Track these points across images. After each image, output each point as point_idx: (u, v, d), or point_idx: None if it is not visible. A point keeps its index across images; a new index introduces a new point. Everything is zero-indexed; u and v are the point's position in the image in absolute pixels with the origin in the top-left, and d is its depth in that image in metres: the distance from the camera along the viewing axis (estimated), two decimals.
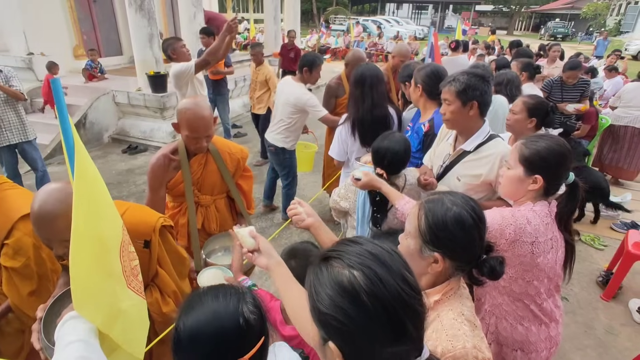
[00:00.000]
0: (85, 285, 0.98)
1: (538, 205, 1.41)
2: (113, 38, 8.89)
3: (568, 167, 1.39)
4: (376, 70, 2.72)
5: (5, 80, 3.82)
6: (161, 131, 6.26)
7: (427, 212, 1.06)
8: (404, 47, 4.13)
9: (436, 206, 1.06)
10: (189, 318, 0.85)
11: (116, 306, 1.04)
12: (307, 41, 18.50)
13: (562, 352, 2.71)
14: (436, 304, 1.05)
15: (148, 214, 1.51)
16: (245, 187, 2.21)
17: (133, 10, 5.86)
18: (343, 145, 2.83)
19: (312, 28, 24.39)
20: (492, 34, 16.06)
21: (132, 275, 1.13)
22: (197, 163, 1.99)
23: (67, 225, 1.14)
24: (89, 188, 0.98)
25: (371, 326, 0.62)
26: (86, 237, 0.96)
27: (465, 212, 1.03)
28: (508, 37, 21.46)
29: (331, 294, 0.65)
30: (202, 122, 1.81)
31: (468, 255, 1.05)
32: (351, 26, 18.87)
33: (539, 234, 1.36)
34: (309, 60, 3.47)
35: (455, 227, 1.02)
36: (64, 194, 1.19)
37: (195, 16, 6.80)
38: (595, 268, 3.60)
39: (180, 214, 2.09)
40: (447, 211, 1.04)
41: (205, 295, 0.90)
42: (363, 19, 26.00)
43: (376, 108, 2.66)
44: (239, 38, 16.02)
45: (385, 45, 17.87)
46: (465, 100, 1.80)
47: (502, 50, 11.64)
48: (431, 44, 4.89)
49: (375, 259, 0.66)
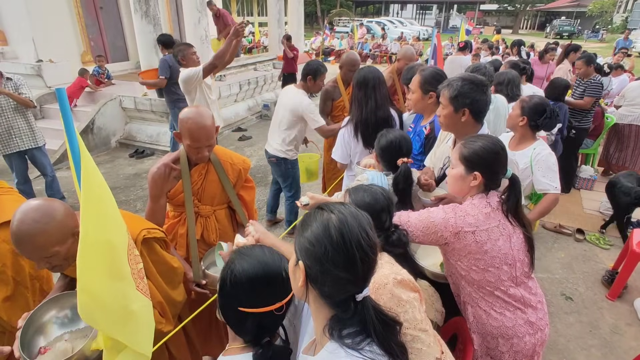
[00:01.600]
0: (95, 290, 1.02)
1: (476, 198, 1.54)
2: (119, 44, 9.02)
3: (503, 163, 1.54)
4: (378, 72, 2.76)
5: (15, 88, 3.91)
6: (167, 135, 6.33)
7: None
8: (410, 50, 4.14)
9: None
10: (243, 263, 1.03)
11: (128, 308, 1.08)
12: (312, 43, 18.55)
13: (566, 351, 2.71)
14: None
15: (131, 226, 1.44)
16: (246, 198, 2.18)
17: (139, 16, 5.95)
18: (346, 148, 2.85)
19: (316, 30, 24.46)
20: (497, 33, 15.99)
21: (138, 277, 1.17)
22: (198, 173, 1.97)
23: (45, 243, 1.23)
24: (96, 194, 1.02)
25: (331, 252, 0.84)
26: (95, 242, 1.00)
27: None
28: (513, 36, 21.34)
29: (312, 226, 0.88)
30: (204, 131, 1.80)
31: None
32: (355, 28, 18.89)
33: (480, 223, 1.48)
34: (312, 68, 3.41)
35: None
36: (39, 214, 1.23)
37: (200, 21, 6.87)
38: (600, 267, 3.59)
39: (180, 224, 2.08)
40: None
41: (254, 249, 1.10)
42: (367, 21, 26.01)
43: (379, 109, 2.70)
44: (244, 41, 16.13)
45: (389, 46, 17.88)
46: (457, 106, 1.83)
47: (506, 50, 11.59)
48: (434, 45, 4.91)
49: (350, 214, 0.89)
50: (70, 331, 1.44)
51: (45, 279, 1.82)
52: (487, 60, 7.53)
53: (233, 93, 7.75)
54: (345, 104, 3.61)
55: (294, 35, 11.05)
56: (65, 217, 1.29)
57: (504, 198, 1.53)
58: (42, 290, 1.74)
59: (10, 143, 4.00)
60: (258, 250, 1.10)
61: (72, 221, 1.31)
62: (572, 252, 3.83)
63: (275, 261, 1.07)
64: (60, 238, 1.26)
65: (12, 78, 3.94)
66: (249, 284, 1.01)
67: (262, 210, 4.45)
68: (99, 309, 1.04)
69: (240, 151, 6.44)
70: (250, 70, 9.12)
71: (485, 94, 1.85)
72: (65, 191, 4.89)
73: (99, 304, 1.03)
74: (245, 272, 1.02)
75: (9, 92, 3.85)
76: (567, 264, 3.63)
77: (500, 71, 3.61)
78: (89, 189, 0.98)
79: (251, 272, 1.02)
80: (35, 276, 1.73)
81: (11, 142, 4.00)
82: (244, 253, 1.08)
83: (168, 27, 9.59)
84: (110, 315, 1.07)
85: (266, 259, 1.06)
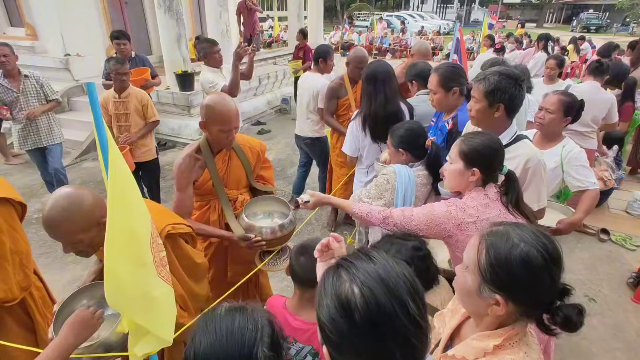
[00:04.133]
0: (120, 275, 1.06)
1: (474, 191, 1.56)
2: (143, 38, 9.19)
3: (500, 160, 1.54)
4: (387, 66, 2.79)
5: (39, 87, 3.95)
6: (189, 128, 6.44)
7: (489, 247, 0.92)
8: (424, 45, 4.07)
9: (499, 241, 0.92)
10: (200, 346, 0.83)
11: (149, 294, 1.12)
12: (331, 38, 18.47)
13: (589, 354, 2.65)
14: (496, 350, 0.93)
15: (157, 221, 1.48)
16: (266, 176, 2.30)
17: (162, 11, 6.05)
18: (355, 141, 2.89)
19: (335, 25, 24.31)
20: (520, 27, 15.54)
21: (160, 265, 1.21)
22: (222, 160, 2.05)
23: (71, 230, 1.30)
24: (122, 184, 1.05)
25: (359, 345, 0.63)
26: (121, 230, 1.04)
27: (535, 251, 0.89)
28: (537, 30, 20.71)
29: (329, 304, 0.67)
30: (232, 113, 1.88)
31: (536, 300, 0.92)
32: (375, 22, 18.69)
33: (480, 213, 1.50)
34: (323, 51, 3.71)
35: (521, 268, 0.88)
36: (67, 202, 1.31)
37: (221, 15, 6.93)
38: (625, 269, 3.47)
39: (210, 211, 2.14)
40: (513, 248, 0.90)
41: (221, 323, 0.86)
42: (387, 15, 25.70)
43: (389, 103, 2.72)
44: (264, 36, 16.18)
45: (409, 40, 17.63)
46: (492, 101, 1.78)
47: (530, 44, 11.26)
48: (456, 39, 4.82)
49: (380, 282, 0.65)
50: None
51: (25, 254, 1.88)
52: (515, 55, 7.37)
53: (252, 87, 7.81)
54: (351, 102, 3.53)
55: (313, 30, 11.03)
56: (92, 207, 1.34)
57: (503, 190, 1.55)
58: (21, 264, 1.79)
59: (28, 140, 4.04)
60: (227, 322, 0.86)
61: (98, 211, 1.35)
62: (596, 253, 3.73)
63: (244, 347, 0.82)
64: (84, 227, 1.33)
65: (28, 75, 3.93)
66: None
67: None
68: (123, 293, 1.08)
69: None
70: (270, 64, 9.16)
71: (522, 90, 1.80)
72: (91, 181, 5.06)
73: (123, 288, 1.07)
74: (198, 354, 0.82)
75: (43, 108, 3.94)
76: (590, 265, 3.53)
77: (514, 65, 3.52)
78: (116, 179, 1.02)
79: (204, 356, 0.81)
80: (15, 251, 1.80)
81: (28, 138, 4.03)
82: (207, 327, 0.85)
83: (190, 22, 9.71)
84: (133, 299, 1.11)
85: (229, 344, 0.82)
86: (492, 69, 1.84)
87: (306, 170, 4.32)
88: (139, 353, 1.17)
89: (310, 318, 1.43)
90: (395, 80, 2.81)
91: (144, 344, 1.17)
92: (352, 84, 3.54)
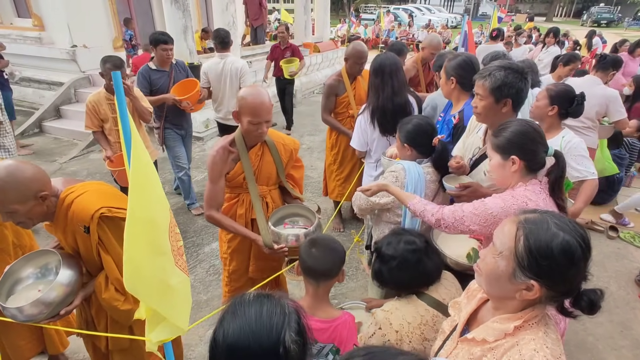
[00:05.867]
0: (138, 263, 1.08)
1: (530, 184, 1.48)
2: (149, 30, 9.14)
3: (537, 141, 1.48)
4: (395, 58, 2.76)
5: None
6: (195, 120, 6.43)
7: (528, 234, 0.92)
8: (435, 38, 4.03)
9: (539, 229, 0.92)
10: (229, 328, 0.85)
11: (167, 282, 1.14)
12: (337, 31, 18.34)
13: (595, 350, 2.65)
14: (516, 331, 0.95)
15: (92, 202, 1.51)
16: (296, 176, 2.29)
17: (169, 2, 6.02)
18: (363, 136, 2.87)
19: (341, 17, 24.13)
20: (529, 21, 15.35)
21: (178, 254, 1.22)
22: (255, 154, 2.05)
23: (5, 199, 1.37)
24: (143, 174, 1.06)
25: None
26: (141, 219, 1.05)
27: (575, 241, 0.90)
28: (547, 24, 20.46)
29: None
30: (264, 106, 1.88)
31: (570, 287, 0.94)
32: (382, 15, 18.53)
33: (541, 207, 1.41)
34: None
35: (563, 257, 0.89)
36: (5, 173, 1.36)
37: (227, 7, 6.90)
38: (634, 266, 3.46)
39: (238, 204, 2.15)
40: (554, 237, 0.90)
41: (250, 307, 0.88)
42: (394, 8, 25.47)
43: (397, 96, 2.71)
44: (271, 27, 16.09)
45: (416, 34, 17.48)
46: (499, 97, 1.76)
47: (539, 38, 11.13)
48: (465, 33, 4.77)
49: None
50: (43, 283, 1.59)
51: (29, 247, 1.98)
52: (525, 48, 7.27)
53: (259, 80, 7.79)
54: (350, 99, 3.41)
55: (320, 23, 10.96)
56: (29, 180, 1.40)
57: (550, 174, 1.49)
58: None
59: None
60: (256, 306, 0.88)
61: (36, 185, 1.41)
62: (604, 250, 3.71)
63: (272, 331, 0.84)
64: (18, 198, 1.39)
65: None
66: (229, 353, 0.84)
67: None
68: (141, 280, 1.10)
69: None
70: None
71: (527, 83, 1.79)
72: (97, 173, 5.09)
73: (141, 275, 1.09)
74: (227, 337, 0.85)
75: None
76: (598, 262, 3.51)
77: (517, 60, 3.48)
78: (138, 169, 1.03)
79: (233, 339, 0.84)
80: (18, 244, 1.93)
81: None
82: (236, 311, 0.87)
83: (196, 14, 9.68)
84: (151, 287, 1.13)
85: (258, 327, 0.84)
86: (494, 64, 1.82)
87: None
88: (154, 339, 1.20)
89: (327, 315, 1.44)
90: (403, 73, 2.79)
91: (160, 331, 1.20)
92: (351, 79, 3.41)
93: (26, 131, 6.38)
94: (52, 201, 1.51)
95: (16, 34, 7.78)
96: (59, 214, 1.53)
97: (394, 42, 3.93)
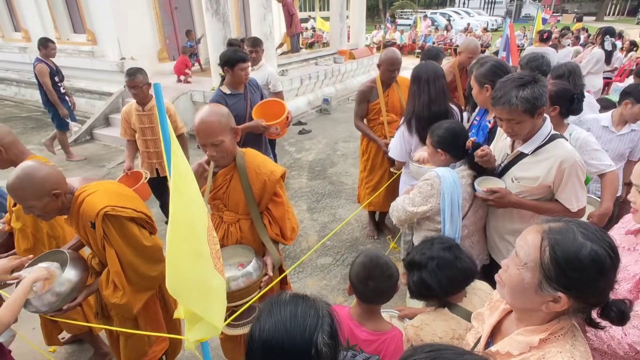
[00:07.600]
0: (180, 265, 1.14)
1: None
2: None
3: None
4: (433, 65, 2.73)
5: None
6: None
7: (554, 245, 0.88)
8: (472, 42, 3.92)
9: (565, 239, 0.88)
10: (265, 325, 0.89)
11: (207, 284, 1.20)
12: (372, 37, 18.32)
13: None
14: (542, 343, 0.92)
15: (99, 201, 1.66)
16: (275, 214, 1.96)
17: (210, 15, 6.30)
18: (405, 145, 2.83)
19: (377, 24, 24.09)
20: (577, 21, 14.61)
21: (215, 257, 1.28)
22: (223, 177, 1.90)
23: (24, 196, 1.56)
24: (182, 180, 1.12)
25: None
26: (182, 223, 1.11)
27: (604, 251, 0.85)
28: (597, 24, 19.34)
29: None
30: (203, 126, 1.72)
31: (600, 298, 0.90)
32: (418, 20, 18.31)
33: None
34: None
35: (592, 269, 0.85)
36: (22, 173, 1.54)
37: (265, 17, 7.11)
38: None
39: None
40: (582, 247, 0.86)
41: (285, 307, 0.91)
42: (431, 12, 25.10)
43: (433, 104, 2.65)
44: (306, 35, 16.35)
45: (454, 38, 17.11)
46: (533, 112, 1.71)
47: (588, 39, 10.56)
48: (506, 36, 4.61)
49: None
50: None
51: (62, 238, 2.19)
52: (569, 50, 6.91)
53: (294, 87, 7.94)
54: (382, 106, 3.37)
55: (356, 30, 11.00)
56: (43, 180, 1.57)
57: None
58: (58, 248, 2.05)
59: None
60: (291, 306, 0.92)
61: (49, 184, 1.58)
62: None
63: (305, 332, 0.87)
64: (35, 195, 1.56)
65: None
66: (264, 349, 0.87)
67: (321, 203, 4.52)
68: (183, 282, 1.15)
69: (299, 144, 6.60)
70: (311, 65, 9.25)
71: (545, 87, 1.76)
72: None
73: (183, 278, 1.15)
74: (262, 333, 0.89)
75: None
76: None
77: (559, 63, 3.29)
78: (178, 176, 1.09)
79: (268, 336, 0.88)
80: (52, 235, 2.16)
81: None
82: (272, 310, 0.92)
83: (235, 24, 10.03)
84: (191, 289, 1.19)
85: (292, 326, 0.87)
86: (502, 86, 1.74)
87: None
88: (192, 339, 1.26)
89: (377, 328, 1.44)
90: (444, 81, 2.72)
91: (197, 331, 1.25)
92: (385, 87, 3.38)
93: (79, 139, 6.86)
94: (68, 198, 1.70)
95: (72, 48, 8.41)
96: (73, 210, 1.71)
97: (429, 47, 3.88)
